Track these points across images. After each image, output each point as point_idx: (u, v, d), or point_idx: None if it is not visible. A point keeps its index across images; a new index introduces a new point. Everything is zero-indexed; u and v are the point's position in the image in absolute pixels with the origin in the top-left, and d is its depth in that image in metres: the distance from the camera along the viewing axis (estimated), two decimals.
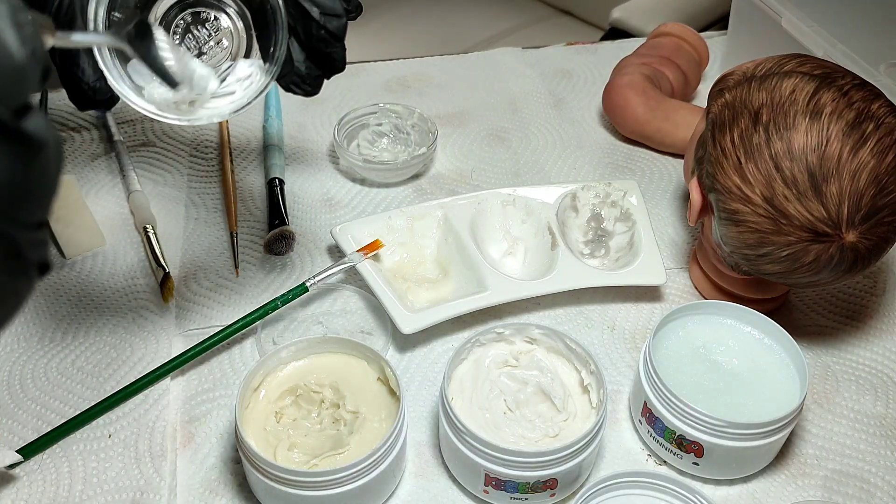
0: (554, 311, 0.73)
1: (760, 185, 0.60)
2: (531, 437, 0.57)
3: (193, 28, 0.52)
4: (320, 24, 0.54)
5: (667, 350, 0.62)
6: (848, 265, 0.60)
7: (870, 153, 0.58)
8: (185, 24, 0.52)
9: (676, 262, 0.78)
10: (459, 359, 0.60)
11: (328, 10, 0.54)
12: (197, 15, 0.52)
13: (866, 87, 0.62)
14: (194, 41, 0.52)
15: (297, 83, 0.57)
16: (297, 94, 0.57)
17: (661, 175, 0.88)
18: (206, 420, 0.63)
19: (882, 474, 0.61)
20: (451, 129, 0.93)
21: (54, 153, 0.25)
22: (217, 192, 0.83)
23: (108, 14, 0.48)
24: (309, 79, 0.57)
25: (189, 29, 0.52)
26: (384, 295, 0.67)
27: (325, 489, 0.53)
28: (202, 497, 0.58)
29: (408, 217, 0.75)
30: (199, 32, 0.52)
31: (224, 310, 0.71)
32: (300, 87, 0.57)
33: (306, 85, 0.57)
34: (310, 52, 0.56)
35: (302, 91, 0.58)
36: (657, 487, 0.56)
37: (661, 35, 1.00)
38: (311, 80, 0.57)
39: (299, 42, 0.56)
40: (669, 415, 0.58)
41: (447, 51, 1.15)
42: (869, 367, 0.69)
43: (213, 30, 0.53)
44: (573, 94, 1.00)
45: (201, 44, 0.53)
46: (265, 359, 0.58)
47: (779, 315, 0.72)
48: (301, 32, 0.55)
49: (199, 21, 0.52)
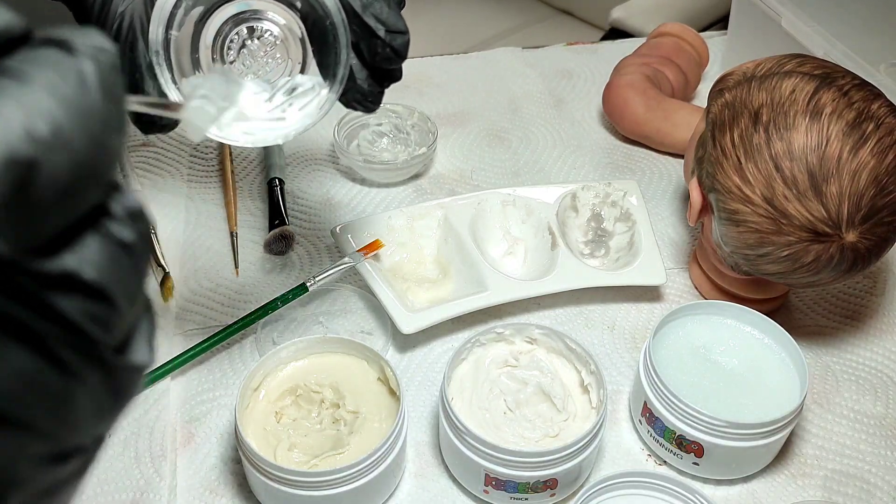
0: (554, 311, 0.73)
1: (760, 185, 0.60)
2: (531, 437, 0.57)
3: (248, 42, 0.51)
4: (386, 43, 0.51)
5: (667, 350, 0.62)
6: (848, 265, 0.60)
7: (870, 153, 0.58)
8: (240, 39, 0.51)
9: (676, 262, 0.78)
10: (459, 359, 0.60)
11: (393, 28, 0.51)
12: (252, 29, 0.51)
13: (866, 87, 0.62)
14: (249, 56, 0.51)
15: (360, 100, 0.54)
16: (359, 110, 0.55)
17: (661, 175, 0.88)
18: (206, 420, 0.63)
19: (882, 474, 0.61)
20: (451, 129, 0.93)
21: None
22: (217, 192, 0.83)
23: (166, 33, 0.48)
24: (371, 95, 0.54)
25: (244, 43, 0.51)
26: (384, 295, 0.67)
27: (325, 489, 0.53)
28: (202, 497, 0.58)
29: (408, 217, 0.75)
30: (253, 47, 0.51)
31: (224, 310, 0.71)
32: (362, 104, 0.55)
33: (369, 102, 0.55)
34: (371, 70, 0.54)
35: (364, 108, 0.55)
36: (657, 487, 0.56)
37: (661, 35, 1.00)
38: (373, 96, 0.55)
39: (361, 59, 0.53)
40: (669, 415, 0.58)
41: (447, 51, 1.14)
42: (869, 367, 0.69)
43: (267, 44, 0.51)
44: (573, 94, 1.00)
45: (256, 58, 0.51)
46: (265, 359, 0.58)
47: (779, 315, 0.72)
48: (364, 50, 0.52)
49: (253, 35, 0.51)
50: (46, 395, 0.19)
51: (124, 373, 0.21)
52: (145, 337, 0.22)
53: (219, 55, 0.51)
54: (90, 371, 0.20)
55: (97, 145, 0.19)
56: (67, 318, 0.19)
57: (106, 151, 0.20)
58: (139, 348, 0.22)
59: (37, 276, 0.18)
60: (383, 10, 0.51)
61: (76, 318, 0.19)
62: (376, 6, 0.51)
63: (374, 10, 0.51)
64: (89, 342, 0.19)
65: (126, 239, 0.21)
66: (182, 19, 0.48)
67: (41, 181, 0.18)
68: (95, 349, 0.20)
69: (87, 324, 0.19)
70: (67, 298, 0.19)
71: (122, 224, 0.21)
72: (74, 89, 0.19)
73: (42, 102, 0.18)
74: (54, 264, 0.19)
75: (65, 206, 0.19)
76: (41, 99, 0.18)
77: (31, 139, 0.18)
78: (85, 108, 0.19)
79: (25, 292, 0.18)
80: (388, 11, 0.51)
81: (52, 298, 0.18)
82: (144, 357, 0.22)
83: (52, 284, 0.19)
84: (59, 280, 0.19)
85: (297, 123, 0.50)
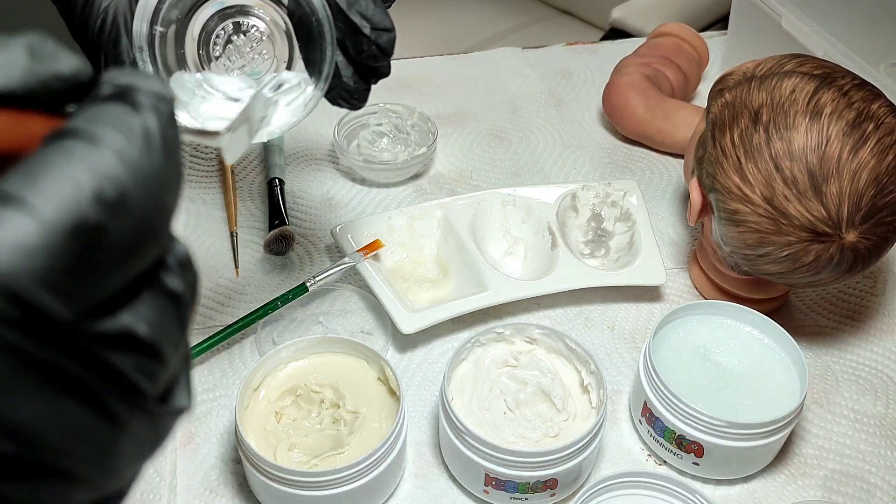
0: (554, 311, 0.73)
1: (760, 185, 0.60)
2: (531, 437, 0.57)
3: (235, 37, 0.51)
4: (371, 40, 0.51)
5: (667, 350, 0.62)
6: (848, 265, 0.60)
7: (870, 153, 0.58)
8: (226, 35, 0.51)
9: (676, 262, 0.78)
10: (459, 359, 0.60)
11: (379, 25, 0.51)
12: (238, 25, 0.51)
13: (866, 87, 0.62)
14: (235, 51, 0.51)
15: (346, 97, 0.55)
16: (344, 107, 0.55)
17: (661, 175, 0.88)
18: (206, 420, 0.63)
19: (882, 474, 0.61)
20: (451, 129, 0.93)
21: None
22: (217, 192, 0.83)
23: (151, 28, 0.47)
24: (357, 93, 0.55)
25: (230, 39, 0.51)
26: (384, 295, 0.67)
27: (325, 489, 0.53)
28: (202, 497, 0.58)
29: (408, 217, 0.75)
30: (239, 42, 0.51)
31: (224, 310, 0.71)
32: (348, 101, 0.55)
33: (354, 99, 0.55)
34: (357, 67, 0.54)
35: (349, 105, 0.55)
36: (657, 487, 0.56)
37: (661, 35, 1.00)
38: (358, 93, 0.55)
39: (347, 57, 0.53)
40: (669, 415, 0.58)
41: (447, 51, 1.14)
42: (869, 367, 0.69)
43: (253, 40, 0.51)
44: (573, 94, 1.00)
45: (242, 53, 0.51)
46: (265, 359, 0.58)
47: (779, 315, 0.72)
48: (350, 47, 0.52)
49: (240, 30, 0.51)
50: (95, 446, 0.19)
51: (166, 419, 0.21)
52: (185, 383, 0.22)
53: (204, 50, 0.51)
54: (136, 421, 0.20)
55: (158, 206, 0.20)
56: (121, 373, 0.19)
57: (165, 210, 0.20)
58: (180, 395, 0.22)
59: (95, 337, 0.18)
60: (369, 7, 0.51)
61: (129, 374, 0.19)
62: (362, 3, 0.51)
63: (360, 7, 0.51)
64: (138, 395, 0.20)
65: (176, 290, 0.21)
66: (167, 15, 0.48)
67: (105, 244, 0.18)
68: (143, 401, 0.20)
69: (137, 378, 0.20)
70: (122, 356, 0.19)
71: (174, 275, 0.21)
72: (140, 152, 0.19)
73: (111, 167, 0.19)
74: (112, 324, 0.19)
75: (126, 268, 0.19)
76: (110, 163, 0.19)
77: (100, 203, 0.18)
78: (148, 171, 0.19)
79: (83, 352, 0.18)
80: (374, 8, 0.51)
81: (108, 356, 0.19)
82: (184, 403, 0.22)
83: (108, 343, 0.19)
84: (115, 339, 0.19)
85: (283, 121, 0.50)
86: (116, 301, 0.20)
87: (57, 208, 0.18)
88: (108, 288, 0.19)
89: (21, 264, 0.17)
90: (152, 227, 0.20)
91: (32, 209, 0.17)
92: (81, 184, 0.18)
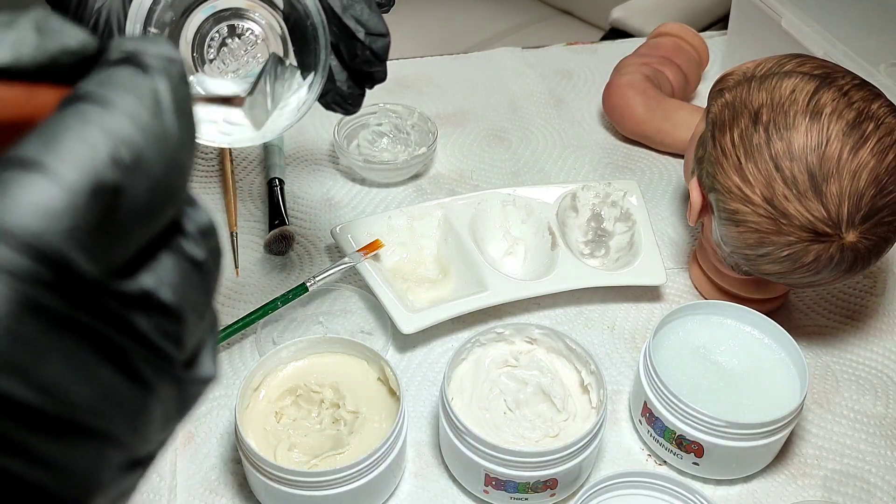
0: (554, 311, 0.73)
1: (760, 185, 0.60)
2: (531, 437, 0.57)
3: (229, 40, 0.51)
4: (365, 45, 0.51)
5: (667, 350, 0.62)
6: (848, 265, 0.60)
7: (870, 153, 0.58)
8: (220, 38, 0.51)
9: (676, 262, 0.78)
10: (459, 359, 0.60)
11: (374, 30, 0.51)
12: (233, 28, 0.51)
13: (866, 87, 0.62)
14: (230, 54, 0.51)
15: (339, 102, 0.55)
16: (338, 112, 0.55)
17: (661, 175, 0.88)
18: (206, 420, 0.63)
19: (882, 474, 0.61)
20: (451, 129, 0.93)
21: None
22: (217, 191, 0.83)
23: (144, 30, 0.47)
24: (351, 98, 0.54)
25: (224, 42, 0.51)
26: (384, 295, 0.67)
27: (325, 489, 0.53)
28: (202, 497, 0.58)
29: (408, 217, 0.75)
30: (234, 45, 0.51)
31: (224, 310, 0.71)
32: (342, 106, 0.55)
33: (348, 104, 0.55)
34: (351, 71, 0.53)
35: (343, 110, 0.55)
36: (657, 487, 0.56)
37: (661, 35, 1.00)
38: (353, 98, 0.55)
39: (341, 61, 0.53)
40: (669, 415, 0.58)
41: (447, 51, 1.15)
42: (869, 367, 0.69)
43: (248, 43, 0.51)
44: (573, 94, 1.00)
45: (236, 56, 0.51)
46: (265, 359, 0.58)
47: (779, 315, 0.72)
48: (344, 52, 0.52)
49: (234, 33, 0.51)
50: (126, 408, 0.20)
51: (192, 386, 0.22)
52: (210, 352, 0.23)
53: (198, 53, 0.51)
54: (163, 385, 0.20)
55: (173, 166, 0.20)
56: (146, 336, 0.20)
57: (180, 170, 0.21)
58: (206, 362, 0.22)
59: (119, 297, 0.19)
60: (364, 12, 0.50)
61: (153, 337, 0.20)
62: (357, 8, 0.50)
63: (355, 11, 0.50)
64: (164, 358, 0.20)
65: (198, 257, 0.22)
66: (160, 17, 0.48)
67: (124, 206, 0.19)
68: (169, 365, 0.20)
69: (162, 341, 0.20)
70: (146, 317, 0.20)
71: (194, 242, 0.22)
72: (152, 113, 0.20)
73: (124, 129, 0.19)
74: (134, 284, 0.20)
75: (144, 228, 0.20)
76: (123, 125, 0.19)
77: (116, 165, 0.19)
78: (161, 132, 0.20)
79: (110, 312, 0.19)
80: (369, 13, 0.51)
81: (132, 317, 0.19)
82: (210, 371, 0.22)
83: (132, 304, 0.19)
84: (138, 300, 0.20)
85: (275, 124, 0.50)
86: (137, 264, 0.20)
87: (76, 171, 0.18)
88: (129, 249, 0.20)
89: (48, 226, 0.17)
90: (168, 186, 0.20)
91: (53, 173, 0.18)
92: (98, 147, 0.18)
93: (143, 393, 0.20)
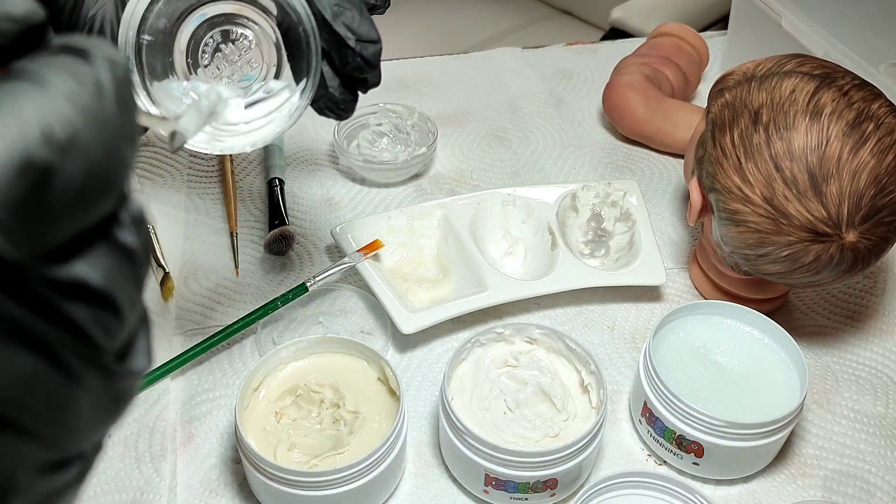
0: (554, 311, 0.73)
1: (760, 185, 0.60)
2: (531, 437, 0.57)
3: (223, 46, 0.51)
4: (356, 52, 0.51)
5: (667, 350, 0.62)
6: (848, 265, 0.60)
7: (870, 153, 0.58)
8: (214, 43, 0.51)
9: (676, 262, 0.78)
10: (459, 359, 0.60)
11: (364, 37, 0.51)
12: (227, 33, 0.51)
13: (866, 87, 0.62)
14: (224, 60, 0.51)
15: (332, 108, 0.55)
16: (331, 117, 0.56)
17: (661, 175, 0.88)
18: (206, 420, 0.63)
19: (882, 474, 0.61)
20: (451, 129, 0.93)
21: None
22: (217, 192, 0.83)
23: (138, 37, 0.47)
24: (343, 103, 0.55)
25: (219, 47, 0.51)
26: (384, 295, 0.67)
27: (325, 489, 0.53)
28: (202, 497, 0.58)
29: (408, 217, 0.75)
30: (228, 51, 0.51)
31: (224, 310, 0.71)
32: (334, 111, 0.55)
33: (340, 110, 0.55)
34: (343, 78, 0.54)
35: (335, 115, 0.56)
36: (657, 487, 0.56)
37: (661, 35, 1.00)
38: (345, 104, 0.55)
39: (333, 67, 0.53)
40: (669, 415, 0.58)
41: (447, 51, 1.14)
42: (869, 367, 0.69)
43: (242, 49, 0.51)
44: (573, 94, 1.00)
45: (230, 62, 0.51)
46: (265, 359, 0.58)
47: (779, 315, 0.72)
48: (336, 59, 0.52)
49: (228, 39, 0.51)
50: (49, 399, 0.19)
51: (123, 378, 0.21)
52: (143, 343, 0.22)
53: (192, 59, 0.51)
54: (92, 376, 0.20)
55: (111, 154, 0.19)
56: (76, 324, 0.19)
57: (119, 161, 0.20)
58: (138, 354, 0.22)
59: (48, 283, 0.18)
60: (355, 19, 0.50)
61: (84, 325, 0.19)
62: (348, 15, 0.50)
63: (346, 18, 0.50)
64: (94, 348, 0.19)
65: (130, 245, 0.21)
66: (154, 24, 0.48)
67: (56, 187, 0.18)
68: (99, 355, 0.20)
69: (93, 330, 0.19)
70: (76, 305, 0.19)
71: (127, 230, 0.21)
72: (91, 97, 0.19)
73: (59, 107, 0.18)
74: (66, 271, 0.19)
75: (78, 214, 0.19)
76: (59, 104, 0.18)
77: (48, 143, 0.18)
78: (101, 117, 0.19)
79: (35, 297, 0.18)
80: (360, 20, 0.51)
81: (61, 304, 0.18)
82: (143, 363, 0.22)
83: (62, 291, 0.19)
84: (69, 287, 0.19)
85: (266, 130, 0.50)
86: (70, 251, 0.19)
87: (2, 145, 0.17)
88: (61, 234, 0.19)
89: None
90: (106, 175, 0.19)
91: None
92: (29, 122, 0.18)
93: (69, 384, 0.19)
